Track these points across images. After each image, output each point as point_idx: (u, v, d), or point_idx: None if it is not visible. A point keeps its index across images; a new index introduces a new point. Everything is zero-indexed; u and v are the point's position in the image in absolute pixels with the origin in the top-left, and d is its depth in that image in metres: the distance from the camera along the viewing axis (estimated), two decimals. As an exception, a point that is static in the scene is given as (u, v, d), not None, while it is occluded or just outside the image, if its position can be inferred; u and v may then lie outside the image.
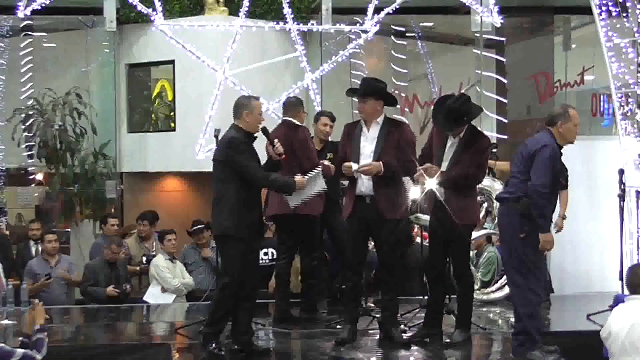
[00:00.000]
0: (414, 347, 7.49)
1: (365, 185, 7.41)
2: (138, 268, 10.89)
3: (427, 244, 8.22)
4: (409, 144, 7.60)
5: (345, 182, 8.02)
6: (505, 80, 15.94)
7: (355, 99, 8.10)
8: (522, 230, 6.87)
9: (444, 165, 7.53)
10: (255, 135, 7.28)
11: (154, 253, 10.99)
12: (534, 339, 6.88)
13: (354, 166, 7.36)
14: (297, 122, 8.54)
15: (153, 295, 10.20)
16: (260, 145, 7.39)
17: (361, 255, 7.66)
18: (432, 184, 7.47)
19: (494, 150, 10.21)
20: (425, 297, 8.79)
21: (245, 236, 7.08)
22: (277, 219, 8.72)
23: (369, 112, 7.48)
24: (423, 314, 8.14)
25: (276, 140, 7.31)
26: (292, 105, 8.74)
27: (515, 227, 6.92)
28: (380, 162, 7.30)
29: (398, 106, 14.10)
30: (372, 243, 8.19)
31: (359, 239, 7.56)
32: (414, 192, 8.05)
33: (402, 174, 7.56)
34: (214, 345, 7.09)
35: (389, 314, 7.65)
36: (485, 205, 9.97)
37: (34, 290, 9.70)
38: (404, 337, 7.65)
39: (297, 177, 7.26)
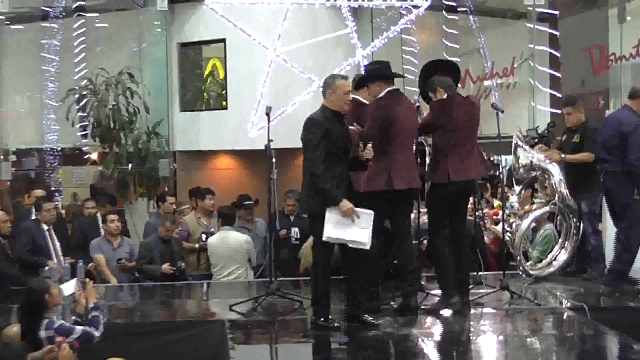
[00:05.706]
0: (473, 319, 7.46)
1: None
2: (197, 245, 10.91)
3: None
4: None
5: None
6: (558, 54, 15.75)
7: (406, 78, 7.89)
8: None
9: None
10: (344, 113, 7.30)
11: (212, 230, 11.03)
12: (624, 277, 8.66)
13: None
14: (362, 100, 8.32)
15: None
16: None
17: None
18: None
19: (552, 127, 10.02)
20: (480, 274, 8.84)
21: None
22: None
23: None
24: (478, 290, 8.35)
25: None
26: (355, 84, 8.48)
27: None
28: None
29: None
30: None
31: None
32: None
33: None
34: (322, 319, 7.24)
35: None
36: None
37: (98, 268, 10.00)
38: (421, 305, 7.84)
39: (345, 202, 6.94)
